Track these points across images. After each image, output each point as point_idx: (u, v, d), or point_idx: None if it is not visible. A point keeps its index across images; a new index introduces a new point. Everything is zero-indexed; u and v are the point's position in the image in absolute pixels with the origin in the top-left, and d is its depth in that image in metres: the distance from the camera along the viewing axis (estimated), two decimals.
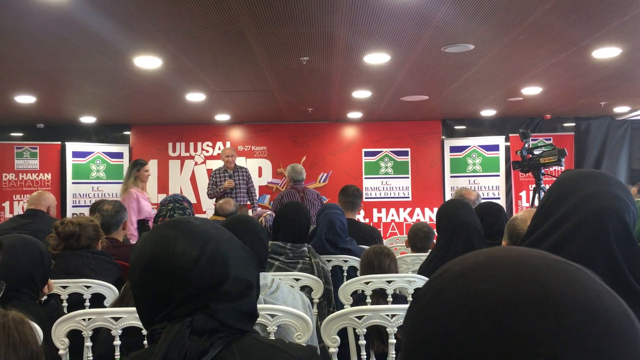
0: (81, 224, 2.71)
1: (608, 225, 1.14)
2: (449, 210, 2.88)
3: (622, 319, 0.43)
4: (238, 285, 1.08)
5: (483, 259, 0.49)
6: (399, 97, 6.87)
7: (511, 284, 0.45)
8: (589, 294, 0.44)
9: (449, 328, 0.45)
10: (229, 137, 8.94)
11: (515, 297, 0.43)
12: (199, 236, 1.09)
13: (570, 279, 0.45)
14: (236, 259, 1.11)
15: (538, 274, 0.45)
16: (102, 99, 6.74)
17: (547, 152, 4.97)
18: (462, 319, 0.44)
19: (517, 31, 4.15)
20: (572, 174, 1.31)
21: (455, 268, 0.49)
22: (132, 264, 1.10)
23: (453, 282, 0.48)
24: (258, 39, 4.30)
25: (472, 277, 0.47)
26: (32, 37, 4.17)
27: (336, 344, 1.86)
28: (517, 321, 0.42)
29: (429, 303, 0.48)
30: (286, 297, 2.04)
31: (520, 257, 0.48)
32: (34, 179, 8.51)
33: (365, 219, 8.62)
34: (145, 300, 1.06)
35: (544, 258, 0.48)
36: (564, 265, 0.47)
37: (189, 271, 1.04)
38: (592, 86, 6.36)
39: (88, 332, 1.97)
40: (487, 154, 8.75)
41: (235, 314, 1.07)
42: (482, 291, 0.45)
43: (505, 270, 0.46)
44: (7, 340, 0.90)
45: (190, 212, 3.60)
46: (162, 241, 1.07)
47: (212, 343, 1.02)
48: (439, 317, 0.46)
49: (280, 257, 2.87)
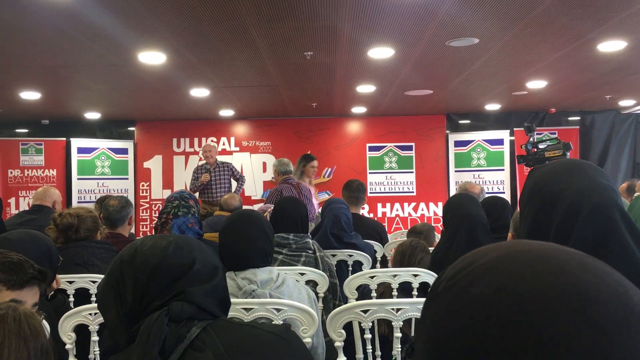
0: (79, 216, 2.71)
1: (614, 216, 1.11)
2: (455, 203, 2.88)
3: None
4: (206, 267, 1.18)
5: (510, 252, 0.48)
6: (403, 92, 6.86)
7: (544, 278, 0.44)
8: (619, 288, 0.44)
9: (479, 323, 0.44)
10: (233, 133, 8.95)
11: (548, 292, 0.43)
12: (164, 236, 1.23)
13: (601, 275, 0.45)
14: (199, 247, 1.23)
15: (568, 268, 0.45)
16: (107, 94, 6.75)
17: (552, 146, 4.95)
18: (492, 314, 0.44)
19: (522, 24, 4.13)
20: (546, 172, 1.21)
21: (481, 260, 0.48)
22: (110, 271, 1.19)
23: (482, 276, 0.47)
24: (262, 33, 4.30)
25: (501, 270, 0.46)
26: (37, 33, 4.18)
27: (342, 338, 1.87)
28: (550, 316, 0.42)
29: (454, 298, 0.48)
30: (292, 292, 2.05)
31: (548, 251, 0.48)
32: (39, 175, 8.54)
33: (370, 214, 8.62)
34: (123, 302, 1.13)
35: (571, 252, 0.48)
36: (592, 260, 0.47)
37: (161, 259, 1.15)
38: (597, 80, 6.33)
39: (94, 327, 1.98)
40: (491, 148, 8.72)
41: (210, 298, 1.15)
42: (514, 286, 0.44)
43: (535, 264, 0.46)
44: (19, 332, 0.91)
45: (195, 210, 3.59)
46: (131, 245, 1.21)
47: (189, 328, 1.09)
48: (469, 313, 0.45)
49: (283, 249, 2.87)
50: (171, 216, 3.55)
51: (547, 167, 1.23)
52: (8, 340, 0.90)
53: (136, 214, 8.55)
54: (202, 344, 1.07)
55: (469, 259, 0.50)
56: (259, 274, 2.01)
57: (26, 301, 1.49)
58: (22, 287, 1.48)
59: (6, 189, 8.37)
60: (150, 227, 8.56)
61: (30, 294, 1.51)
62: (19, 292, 1.47)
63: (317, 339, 2.07)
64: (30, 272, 1.50)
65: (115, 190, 8.49)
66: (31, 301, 1.52)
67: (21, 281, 1.47)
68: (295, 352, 1.15)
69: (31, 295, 1.51)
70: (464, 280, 0.48)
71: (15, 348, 0.89)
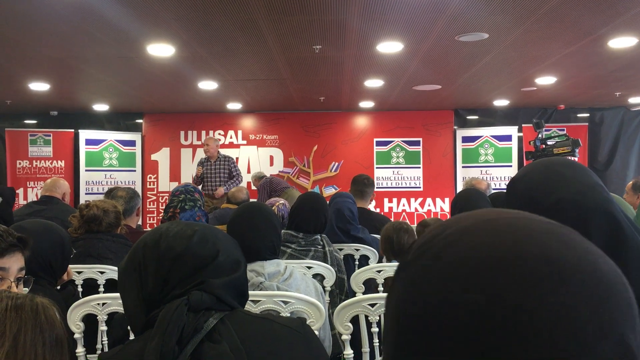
0: (105, 210, 2.75)
1: (616, 214, 1.08)
2: (463, 198, 2.89)
3: (619, 281, 0.43)
4: (229, 260, 1.17)
5: (478, 221, 0.47)
6: (411, 87, 6.84)
7: (507, 246, 0.44)
8: (589, 257, 0.44)
9: (441, 294, 0.44)
10: (241, 126, 8.96)
11: (515, 260, 0.42)
12: (190, 224, 1.21)
13: (570, 243, 0.44)
14: (225, 239, 1.21)
15: (538, 236, 0.44)
16: (115, 86, 6.77)
17: (561, 142, 4.93)
18: (461, 284, 0.43)
19: (532, 19, 4.10)
20: (530, 182, 1.14)
21: (449, 230, 0.48)
22: (133, 253, 1.18)
23: (447, 247, 0.46)
24: (271, 26, 4.30)
25: (469, 240, 0.45)
26: (46, 24, 4.19)
27: (349, 331, 1.87)
28: (511, 284, 0.41)
29: (420, 269, 0.47)
30: (299, 284, 2.05)
31: (517, 220, 0.47)
32: (47, 166, 8.59)
33: (376, 209, 8.61)
34: (144, 286, 1.12)
35: (541, 220, 0.47)
36: (563, 229, 0.46)
37: (185, 248, 1.13)
38: (607, 76, 6.29)
39: (103, 317, 2.00)
40: (499, 145, 8.69)
41: (230, 289, 1.14)
42: (482, 254, 0.44)
43: (501, 233, 0.45)
44: (35, 321, 0.92)
45: (201, 203, 3.61)
46: (156, 230, 1.19)
47: (206, 319, 1.08)
48: (433, 283, 0.45)
49: (292, 245, 2.88)
50: (178, 210, 3.56)
51: (526, 177, 1.17)
52: (25, 328, 0.91)
53: (143, 206, 8.58)
54: (218, 336, 1.07)
55: (438, 229, 0.49)
56: (267, 266, 2.02)
57: (10, 267, 1.56)
58: (2, 255, 1.55)
59: (15, 180, 8.42)
60: (157, 220, 8.59)
61: (12, 260, 1.57)
62: (0, 260, 1.55)
63: (324, 332, 2.08)
64: (9, 240, 1.56)
65: (123, 182, 8.51)
66: (16, 266, 1.58)
67: (0, 250, 1.54)
68: (311, 346, 1.15)
69: (14, 261, 1.58)
70: (430, 251, 0.47)
71: (31, 337, 0.91)
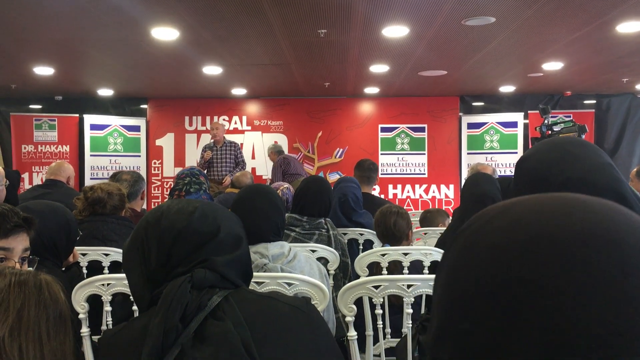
0: (110, 192, 2.76)
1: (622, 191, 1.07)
2: (471, 181, 2.89)
3: None
4: (231, 237, 1.18)
5: (532, 197, 0.47)
6: (416, 72, 6.79)
7: (556, 217, 0.43)
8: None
9: (488, 263, 0.43)
10: (245, 112, 8.94)
11: (558, 230, 0.42)
12: (191, 201, 1.23)
13: (626, 218, 0.44)
14: (226, 215, 1.22)
15: (589, 210, 0.44)
16: (120, 71, 6.76)
17: (567, 128, 4.90)
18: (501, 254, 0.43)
19: (539, 3, 4.06)
20: (538, 162, 1.15)
21: (501, 205, 0.48)
22: (135, 232, 1.20)
23: (497, 216, 0.46)
24: (275, 10, 4.26)
25: (516, 210, 0.45)
26: (51, 7, 4.17)
27: (353, 313, 1.87)
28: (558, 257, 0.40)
29: (469, 237, 0.47)
30: (303, 266, 2.05)
31: (573, 196, 0.47)
32: (52, 150, 8.60)
33: (381, 195, 8.60)
34: (147, 265, 1.14)
35: (600, 200, 0.46)
36: (612, 204, 0.45)
37: (186, 224, 1.14)
38: (614, 62, 6.23)
39: (107, 297, 2.00)
40: (505, 131, 8.65)
41: (233, 267, 1.15)
42: (526, 221, 0.43)
43: (552, 204, 0.45)
44: (39, 297, 0.93)
45: (206, 187, 3.60)
46: (158, 208, 1.21)
47: (210, 297, 1.09)
48: (480, 252, 0.45)
49: (296, 228, 2.88)
50: (184, 193, 3.56)
51: (535, 156, 1.17)
52: (28, 304, 0.91)
53: (148, 191, 8.59)
54: (222, 313, 1.08)
55: (492, 207, 0.49)
56: (271, 248, 2.02)
57: (15, 247, 1.56)
58: (7, 236, 1.54)
59: (20, 164, 8.44)
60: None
61: (17, 240, 1.57)
62: (5, 240, 1.54)
63: (328, 314, 2.08)
64: (14, 220, 1.56)
65: (128, 167, 8.53)
66: (21, 246, 1.58)
67: (5, 230, 1.54)
68: (315, 325, 1.15)
69: (19, 242, 1.58)
70: (480, 220, 0.48)
71: (35, 312, 0.91)
